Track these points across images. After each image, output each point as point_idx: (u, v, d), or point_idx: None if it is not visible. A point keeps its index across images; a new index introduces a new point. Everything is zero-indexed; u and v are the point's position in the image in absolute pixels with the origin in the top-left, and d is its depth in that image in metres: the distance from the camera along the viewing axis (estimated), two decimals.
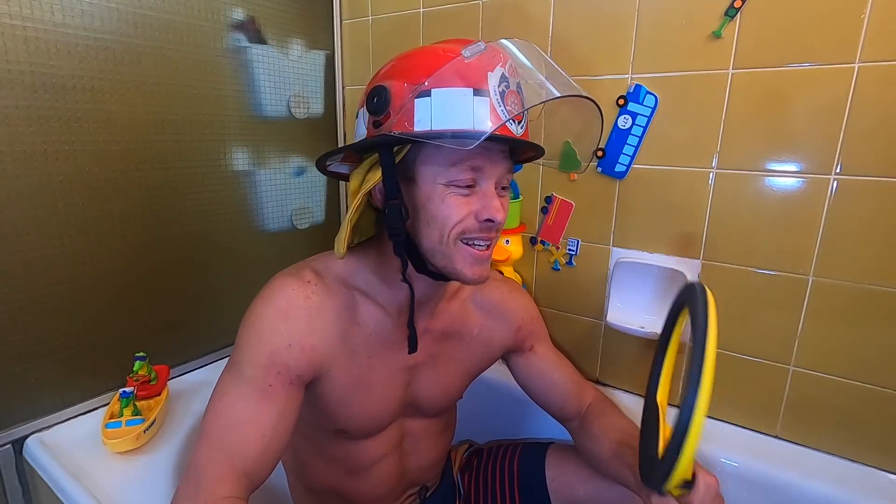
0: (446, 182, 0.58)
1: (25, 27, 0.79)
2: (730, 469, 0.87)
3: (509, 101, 0.56)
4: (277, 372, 0.59)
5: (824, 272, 0.83)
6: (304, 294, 0.63)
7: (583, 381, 0.84)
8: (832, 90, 0.78)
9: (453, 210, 0.58)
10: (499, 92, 0.56)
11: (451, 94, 0.55)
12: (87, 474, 0.77)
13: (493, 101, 0.55)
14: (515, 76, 0.58)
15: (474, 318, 0.77)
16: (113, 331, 0.96)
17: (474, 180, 0.59)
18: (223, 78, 1.07)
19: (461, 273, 0.60)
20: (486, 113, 0.55)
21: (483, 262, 0.61)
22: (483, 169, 0.59)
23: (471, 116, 0.55)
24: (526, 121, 0.60)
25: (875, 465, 0.84)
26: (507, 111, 0.56)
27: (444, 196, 0.58)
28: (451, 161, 0.57)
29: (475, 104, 0.55)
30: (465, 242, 0.60)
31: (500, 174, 0.60)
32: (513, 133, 0.58)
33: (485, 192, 0.59)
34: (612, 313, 0.99)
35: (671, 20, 0.88)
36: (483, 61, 0.56)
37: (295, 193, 1.27)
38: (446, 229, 0.59)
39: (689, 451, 0.45)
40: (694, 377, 0.45)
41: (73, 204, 0.88)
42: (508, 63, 0.58)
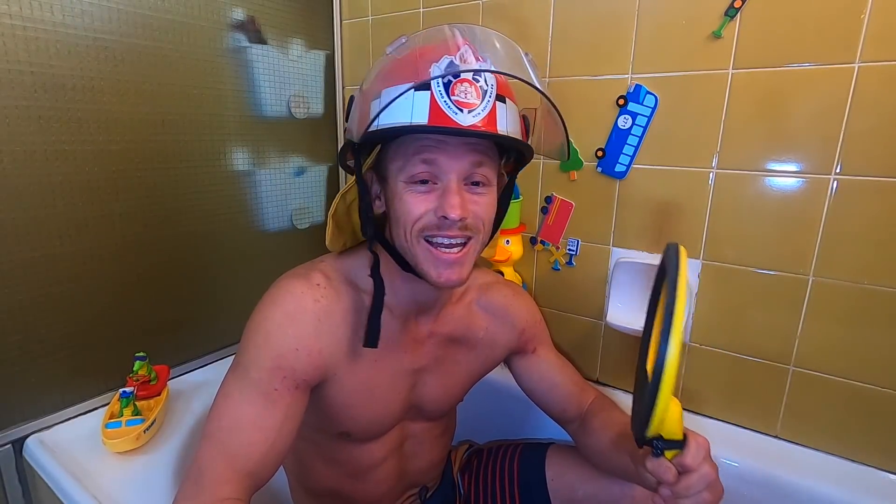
0: (405, 179, 0.57)
1: (25, 27, 0.79)
2: (730, 469, 0.87)
3: (458, 90, 0.54)
4: (283, 376, 0.58)
5: (824, 272, 0.83)
6: (313, 297, 0.62)
7: (584, 383, 0.83)
8: (832, 90, 0.78)
9: (411, 206, 0.57)
10: (443, 83, 0.53)
11: (394, 92, 0.54)
12: (87, 474, 0.77)
13: (433, 92, 0.53)
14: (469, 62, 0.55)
15: (480, 322, 0.76)
16: (113, 331, 0.96)
17: (431, 174, 0.57)
18: (223, 78, 1.07)
19: (427, 275, 0.59)
20: (425, 105, 0.53)
21: (450, 265, 0.58)
22: (437, 162, 0.56)
23: (409, 111, 0.54)
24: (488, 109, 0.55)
25: (875, 465, 0.84)
26: (451, 101, 0.53)
27: (404, 193, 0.58)
28: (405, 156, 0.57)
29: (415, 98, 0.54)
30: (427, 241, 0.58)
31: (461, 168, 0.57)
32: (456, 123, 0.53)
33: (444, 187, 0.57)
34: (612, 313, 0.99)
35: (671, 20, 0.88)
36: (431, 52, 0.55)
37: (295, 193, 1.27)
38: (408, 227, 0.58)
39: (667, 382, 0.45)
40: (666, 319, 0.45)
41: (73, 204, 0.88)
42: (462, 50, 0.55)
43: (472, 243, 0.59)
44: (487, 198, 0.60)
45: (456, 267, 0.58)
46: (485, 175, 0.59)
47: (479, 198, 0.59)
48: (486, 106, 0.55)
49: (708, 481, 0.51)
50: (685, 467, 0.51)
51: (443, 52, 0.54)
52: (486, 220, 0.60)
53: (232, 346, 1.17)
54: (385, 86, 0.56)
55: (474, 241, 0.60)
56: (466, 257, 0.59)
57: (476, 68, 0.54)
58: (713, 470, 0.52)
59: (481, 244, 0.61)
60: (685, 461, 0.51)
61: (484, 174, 0.58)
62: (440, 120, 0.53)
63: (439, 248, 0.58)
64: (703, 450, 0.52)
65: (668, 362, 0.45)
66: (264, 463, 0.56)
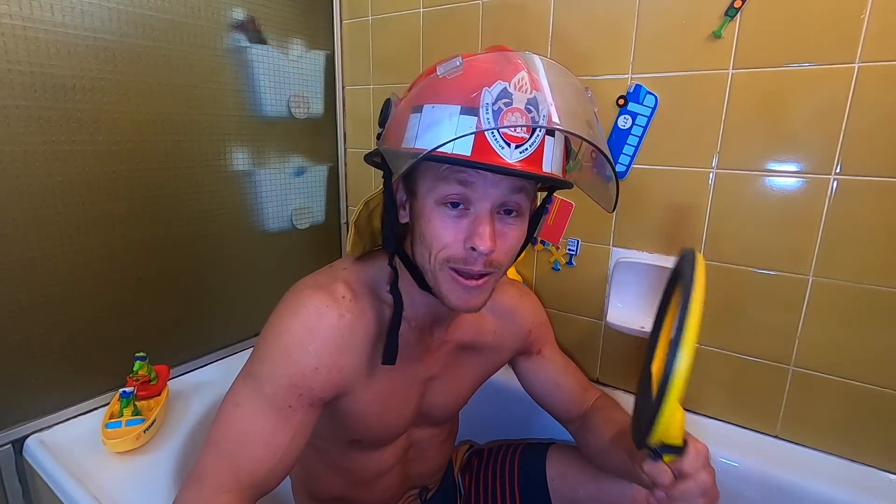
0: (437, 199, 0.54)
1: (25, 27, 0.79)
2: (730, 469, 0.87)
3: (507, 120, 0.49)
4: (300, 394, 0.56)
5: (824, 272, 0.83)
6: (339, 312, 0.59)
7: (587, 383, 0.83)
8: (832, 90, 0.78)
9: (440, 231, 0.54)
10: (493, 110, 0.49)
11: (438, 111, 0.51)
12: (87, 474, 0.77)
13: (481, 119, 0.49)
14: (526, 91, 0.50)
15: (488, 324, 0.76)
16: (113, 331, 0.96)
17: (465, 198, 0.53)
18: (223, 78, 1.07)
19: (446, 299, 0.57)
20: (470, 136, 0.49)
21: (471, 290, 0.56)
22: (475, 185, 0.52)
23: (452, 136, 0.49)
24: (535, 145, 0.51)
25: (875, 465, 0.84)
26: (499, 134, 0.49)
27: (433, 214, 0.55)
28: (441, 175, 0.53)
29: (459, 123, 0.49)
30: (452, 269, 0.55)
31: (498, 196, 0.53)
32: (501, 159, 0.50)
33: (477, 215, 0.53)
34: (612, 313, 0.99)
35: (671, 20, 0.88)
36: (484, 73, 0.50)
37: (295, 193, 1.26)
38: (433, 251, 0.55)
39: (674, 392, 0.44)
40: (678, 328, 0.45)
41: (73, 204, 0.87)
42: (519, 75, 0.50)
43: (494, 275, 0.57)
44: (518, 230, 0.57)
45: (476, 293, 0.57)
46: (519, 204, 0.55)
47: (510, 230, 0.56)
48: (535, 142, 0.51)
49: (704, 488, 0.51)
50: (682, 473, 0.51)
51: (497, 76, 0.50)
52: (513, 252, 0.58)
53: (232, 346, 1.17)
54: (428, 100, 0.52)
55: (495, 275, 0.58)
56: (487, 285, 0.57)
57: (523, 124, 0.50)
58: (710, 477, 0.52)
59: (502, 274, 0.59)
60: (683, 467, 0.51)
61: (519, 203, 0.55)
62: (484, 154, 0.49)
63: (462, 276, 0.55)
64: (702, 457, 0.52)
65: (676, 373, 0.44)
66: (268, 478, 0.55)
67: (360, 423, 0.66)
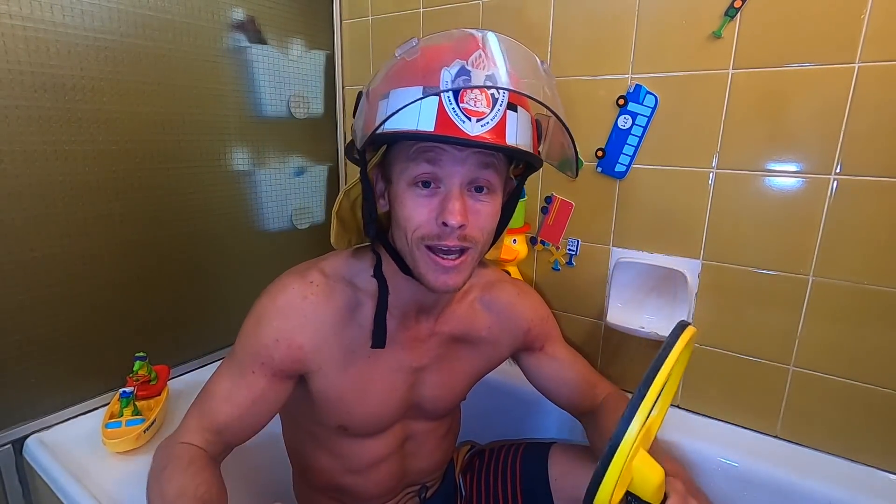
0: (408, 180, 0.57)
1: (25, 27, 0.79)
2: (730, 469, 0.87)
3: (467, 97, 0.52)
4: (262, 363, 0.63)
5: (824, 272, 0.83)
6: (303, 294, 0.65)
7: (597, 377, 0.83)
8: (832, 90, 0.78)
9: (413, 211, 0.57)
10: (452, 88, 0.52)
11: (402, 94, 0.53)
12: (87, 474, 0.77)
13: (442, 97, 0.52)
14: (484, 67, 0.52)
15: (482, 320, 0.76)
16: (113, 331, 0.96)
17: (434, 176, 0.56)
18: (223, 78, 1.07)
19: (425, 279, 0.59)
20: (433, 112, 0.52)
21: (448, 270, 0.58)
22: (441, 162, 0.55)
23: (416, 117, 0.53)
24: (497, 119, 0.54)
25: (875, 465, 0.84)
26: (459, 108, 0.52)
27: (406, 195, 0.57)
28: (410, 158, 0.56)
29: (423, 104, 0.52)
30: (428, 248, 0.57)
31: (466, 172, 0.55)
32: (463, 132, 0.52)
33: (447, 191, 0.56)
34: (612, 313, 0.99)
35: (671, 20, 0.88)
36: (443, 54, 0.53)
37: (295, 193, 1.26)
38: (409, 232, 0.58)
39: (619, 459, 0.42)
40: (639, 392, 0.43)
41: (73, 204, 0.87)
42: (475, 55, 0.53)
43: (471, 252, 0.59)
44: (490, 206, 0.59)
45: (453, 273, 0.58)
46: (489, 181, 0.57)
47: (482, 206, 0.58)
48: (496, 115, 0.54)
49: None
50: None
51: (455, 55, 0.53)
52: (488, 229, 0.59)
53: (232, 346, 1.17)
54: (394, 86, 0.54)
55: (472, 251, 0.59)
56: (464, 265, 0.59)
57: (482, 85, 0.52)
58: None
59: (480, 253, 0.61)
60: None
61: (489, 180, 0.57)
62: (447, 128, 0.52)
63: (438, 255, 0.57)
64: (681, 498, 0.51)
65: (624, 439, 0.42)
66: (231, 429, 0.64)
67: (340, 406, 0.68)
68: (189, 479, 0.58)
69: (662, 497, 0.50)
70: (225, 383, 0.65)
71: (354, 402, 0.68)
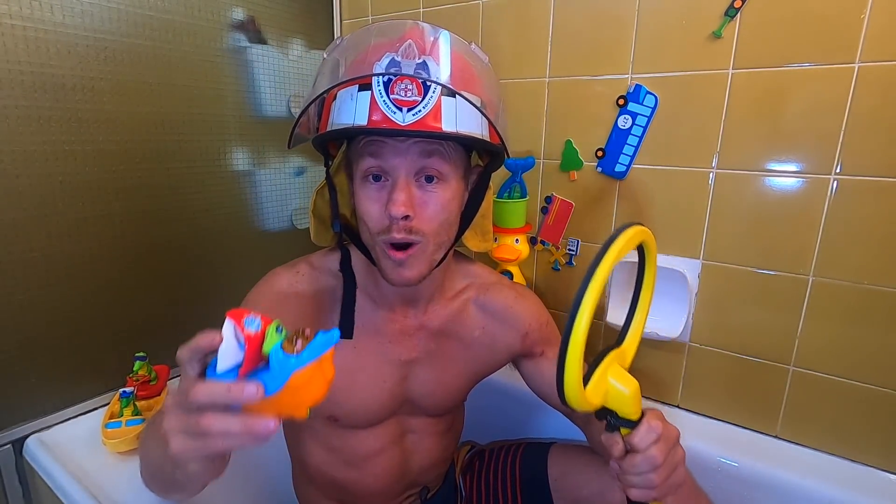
0: (361, 176, 0.59)
1: (25, 27, 0.79)
2: (730, 469, 0.87)
3: (398, 88, 0.54)
4: None
5: (824, 272, 0.83)
6: (290, 282, 0.68)
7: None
8: (832, 90, 0.78)
9: (366, 205, 0.59)
10: (383, 81, 0.54)
11: (344, 93, 0.57)
12: (87, 474, 0.77)
13: (374, 91, 0.54)
14: (414, 56, 0.55)
15: (475, 320, 0.76)
16: (113, 331, 0.96)
17: (381, 169, 0.57)
18: (223, 78, 1.07)
19: (384, 273, 0.61)
20: (366, 106, 0.54)
21: (402, 263, 0.59)
22: (383, 155, 0.56)
23: (352, 112, 0.55)
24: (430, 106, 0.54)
25: (875, 465, 0.84)
26: (390, 100, 0.54)
27: (360, 190, 0.59)
28: (358, 151, 0.58)
29: (358, 99, 0.55)
30: (384, 242, 0.59)
31: (408, 163, 0.56)
32: (394, 122, 0.54)
33: (391, 183, 0.57)
34: (613, 313, 0.99)
35: (671, 20, 0.88)
36: (377, 49, 0.56)
37: (295, 193, 1.26)
38: (368, 227, 0.60)
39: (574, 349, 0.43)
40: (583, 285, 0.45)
41: (73, 204, 0.88)
42: (406, 45, 0.55)
43: (420, 246, 0.59)
44: (440, 194, 0.59)
45: (406, 266, 0.59)
46: (438, 170, 0.58)
47: (430, 195, 0.58)
48: (428, 103, 0.54)
49: (654, 464, 0.50)
50: (632, 447, 0.51)
51: (386, 48, 0.55)
52: (440, 219, 0.59)
53: None
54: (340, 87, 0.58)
55: (422, 244, 0.59)
56: (414, 258, 0.59)
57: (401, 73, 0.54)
58: (662, 454, 0.51)
59: (436, 245, 0.61)
60: (632, 440, 0.51)
61: (437, 169, 0.58)
62: (378, 120, 0.54)
63: (392, 248, 0.59)
64: (654, 433, 0.51)
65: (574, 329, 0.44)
66: None
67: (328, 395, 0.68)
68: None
69: (640, 413, 0.51)
70: None
71: (342, 390, 0.68)
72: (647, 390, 1.04)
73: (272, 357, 0.39)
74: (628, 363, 0.56)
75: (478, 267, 0.80)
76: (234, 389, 0.38)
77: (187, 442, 0.41)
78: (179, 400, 0.41)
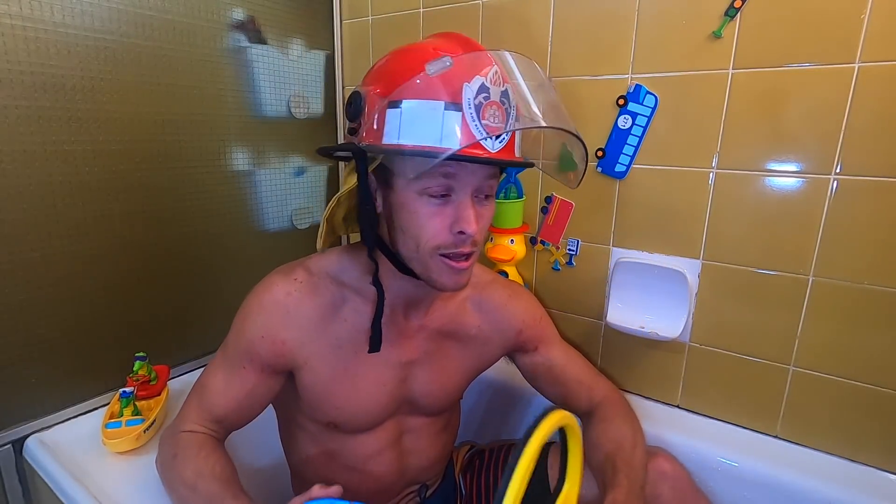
0: (419, 190, 0.57)
1: (25, 27, 0.79)
2: (730, 469, 0.87)
3: (488, 113, 0.53)
4: (250, 359, 0.66)
5: (824, 272, 0.83)
6: (286, 290, 0.66)
7: (592, 379, 0.83)
8: (832, 90, 0.78)
9: (427, 221, 0.58)
10: (474, 105, 0.52)
11: (420, 107, 0.53)
12: (87, 474, 0.77)
13: (465, 114, 0.52)
14: (500, 84, 0.54)
15: (472, 319, 0.77)
16: (113, 331, 0.96)
17: (449, 188, 0.57)
18: (223, 78, 1.07)
19: (438, 282, 0.61)
20: (456, 128, 0.52)
21: (462, 272, 0.61)
22: (457, 176, 0.56)
23: (439, 132, 0.52)
24: (510, 134, 0.57)
25: (875, 465, 0.84)
26: (481, 126, 0.53)
27: (417, 205, 0.58)
28: (416, 168, 0.55)
29: (445, 118, 0.52)
30: (442, 255, 0.59)
31: (477, 183, 0.58)
32: (487, 150, 0.55)
33: (460, 202, 0.57)
34: (612, 313, 0.99)
35: (671, 20, 0.88)
36: (462, 69, 0.53)
37: (295, 193, 1.27)
38: (421, 242, 0.59)
39: None
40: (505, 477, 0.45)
41: (73, 204, 0.87)
42: (493, 70, 0.54)
43: (476, 253, 0.62)
44: (490, 209, 0.62)
45: (465, 274, 0.62)
46: (492, 187, 0.61)
47: (485, 210, 0.61)
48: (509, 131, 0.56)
49: None
50: None
51: (475, 71, 0.53)
52: (487, 229, 0.63)
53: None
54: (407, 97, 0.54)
55: (476, 254, 0.62)
56: (472, 265, 0.63)
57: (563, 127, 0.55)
58: None
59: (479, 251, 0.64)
60: None
61: (492, 186, 0.61)
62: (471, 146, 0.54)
63: (453, 260, 0.60)
64: None
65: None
66: (229, 418, 0.68)
67: (329, 401, 0.69)
68: (203, 461, 0.63)
69: None
70: (219, 377, 0.68)
71: (343, 397, 0.69)
72: (648, 390, 1.04)
73: None
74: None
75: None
76: None
77: None
78: None
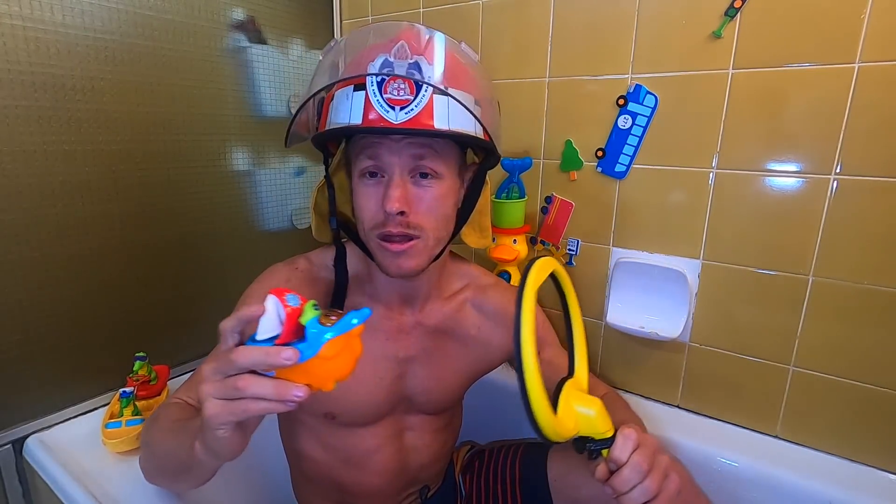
0: (358, 174, 0.61)
1: (25, 27, 0.79)
2: (730, 469, 0.87)
3: (390, 87, 0.56)
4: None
5: (824, 272, 0.83)
6: (286, 277, 0.69)
7: (594, 380, 0.83)
8: (832, 90, 0.78)
9: (362, 201, 0.61)
10: (377, 82, 0.56)
11: (340, 94, 0.59)
12: (87, 474, 0.77)
13: (368, 91, 0.56)
14: (406, 57, 0.56)
15: (472, 319, 0.77)
16: (113, 331, 0.96)
17: (378, 167, 0.59)
18: (223, 78, 1.07)
19: (382, 266, 0.63)
20: (360, 106, 0.56)
21: (400, 255, 0.60)
22: (379, 155, 0.58)
23: (348, 112, 0.57)
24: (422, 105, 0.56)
25: (875, 465, 0.84)
26: (383, 99, 0.55)
27: (358, 187, 0.61)
28: (356, 151, 0.61)
29: (353, 99, 0.57)
30: (378, 237, 0.60)
31: (402, 162, 0.58)
32: (387, 121, 0.55)
33: (387, 181, 0.59)
34: (612, 313, 0.99)
35: (671, 20, 0.88)
36: (372, 50, 0.58)
37: (295, 193, 1.27)
38: (362, 224, 0.62)
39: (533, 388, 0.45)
40: (514, 333, 0.47)
41: (73, 204, 0.87)
42: (398, 46, 0.56)
43: (419, 241, 0.61)
44: (434, 190, 0.60)
45: (404, 257, 0.60)
46: (432, 168, 0.60)
47: (425, 191, 0.60)
48: (420, 102, 0.56)
49: (641, 471, 0.50)
50: (615, 461, 0.51)
51: (380, 49, 0.57)
52: (436, 214, 0.61)
53: None
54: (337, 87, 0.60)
55: (421, 239, 0.61)
56: (414, 250, 0.61)
57: (393, 73, 0.56)
58: (644, 460, 0.51)
59: (435, 239, 0.63)
60: (613, 455, 0.51)
61: (431, 166, 0.59)
62: (373, 119, 0.56)
63: (389, 241, 0.60)
64: (630, 441, 0.51)
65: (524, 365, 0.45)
66: None
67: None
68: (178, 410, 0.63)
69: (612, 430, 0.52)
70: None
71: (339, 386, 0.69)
72: (647, 390, 1.04)
73: (308, 326, 0.42)
74: (586, 387, 0.57)
75: (475, 268, 0.82)
76: (272, 353, 0.41)
77: (222, 405, 0.43)
78: (216, 366, 0.44)
